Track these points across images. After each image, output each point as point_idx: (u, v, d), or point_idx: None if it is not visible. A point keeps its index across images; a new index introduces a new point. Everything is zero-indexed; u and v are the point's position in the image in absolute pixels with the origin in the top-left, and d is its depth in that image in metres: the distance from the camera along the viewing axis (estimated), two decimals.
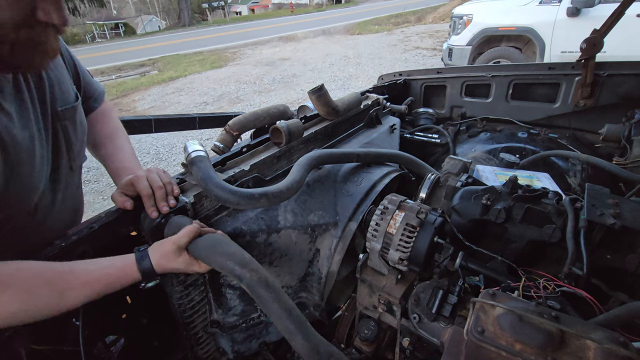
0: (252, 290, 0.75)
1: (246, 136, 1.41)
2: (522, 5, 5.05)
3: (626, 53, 3.80)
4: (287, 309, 0.72)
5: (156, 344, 1.13)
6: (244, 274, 0.76)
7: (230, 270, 0.78)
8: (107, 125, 1.12)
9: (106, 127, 1.11)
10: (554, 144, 1.86)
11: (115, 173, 1.04)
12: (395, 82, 2.21)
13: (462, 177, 1.18)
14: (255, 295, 0.75)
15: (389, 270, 1.03)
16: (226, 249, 0.82)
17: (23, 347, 0.81)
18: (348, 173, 1.34)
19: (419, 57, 9.09)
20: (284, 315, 0.71)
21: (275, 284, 0.76)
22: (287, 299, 0.74)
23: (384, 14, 18.37)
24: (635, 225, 0.84)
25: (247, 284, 0.75)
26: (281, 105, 1.42)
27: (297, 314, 0.72)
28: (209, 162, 0.97)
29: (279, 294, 0.74)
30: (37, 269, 0.72)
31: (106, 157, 1.08)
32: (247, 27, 19.57)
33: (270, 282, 0.76)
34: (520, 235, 0.99)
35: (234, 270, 0.77)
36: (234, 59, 11.15)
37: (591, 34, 1.67)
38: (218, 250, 0.81)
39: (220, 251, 0.81)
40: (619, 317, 0.69)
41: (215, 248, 0.82)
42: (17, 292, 0.67)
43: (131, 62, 11.87)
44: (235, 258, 0.79)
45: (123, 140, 1.12)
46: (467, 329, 0.64)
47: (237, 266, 0.77)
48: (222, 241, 0.85)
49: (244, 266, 0.77)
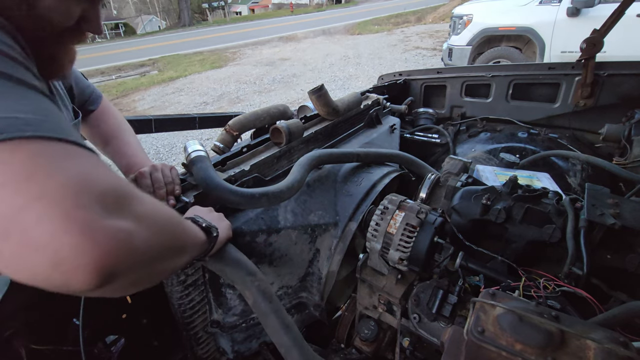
0: (254, 302, 0.76)
1: (246, 136, 1.41)
2: (522, 5, 5.04)
3: (626, 53, 3.80)
4: (285, 325, 0.72)
5: (156, 344, 1.13)
6: (249, 284, 0.77)
7: (232, 278, 0.78)
8: (109, 123, 1.12)
9: (109, 125, 1.12)
10: (554, 144, 1.86)
11: (126, 169, 1.05)
12: (395, 82, 2.21)
13: (462, 177, 1.18)
14: (256, 308, 0.75)
15: (389, 270, 1.03)
16: (237, 256, 0.82)
17: (23, 347, 0.81)
18: (348, 173, 1.34)
19: (419, 57, 9.09)
20: (282, 331, 0.71)
21: (276, 298, 0.77)
22: (286, 315, 0.75)
23: (384, 14, 18.37)
24: (635, 225, 0.84)
25: (251, 295, 0.76)
26: (281, 105, 1.42)
27: (295, 331, 0.73)
28: (210, 162, 0.97)
29: (279, 308, 0.75)
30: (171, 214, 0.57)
31: (114, 154, 1.09)
32: (247, 27, 19.57)
33: (272, 296, 0.76)
34: (520, 235, 0.98)
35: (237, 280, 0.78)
36: (234, 59, 11.15)
37: (591, 34, 1.67)
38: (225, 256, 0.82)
39: (232, 256, 0.82)
40: (619, 317, 0.69)
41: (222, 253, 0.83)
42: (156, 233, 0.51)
43: (131, 62, 11.87)
44: (242, 266, 0.79)
45: (128, 134, 1.13)
46: (467, 329, 0.64)
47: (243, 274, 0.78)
48: (233, 247, 0.85)
49: (251, 274, 0.78)
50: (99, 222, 0.37)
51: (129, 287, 0.45)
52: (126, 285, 0.43)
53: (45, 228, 0.34)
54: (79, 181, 0.38)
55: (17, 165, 0.36)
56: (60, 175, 0.37)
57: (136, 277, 0.43)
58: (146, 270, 0.45)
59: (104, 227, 0.37)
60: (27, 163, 0.37)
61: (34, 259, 0.34)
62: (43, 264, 0.35)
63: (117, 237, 0.38)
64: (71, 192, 0.37)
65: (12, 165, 0.36)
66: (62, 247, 0.35)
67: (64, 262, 0.35)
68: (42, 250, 0.34)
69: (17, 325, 0.81)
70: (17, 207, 0.34)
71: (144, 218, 0.44)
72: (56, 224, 0.35)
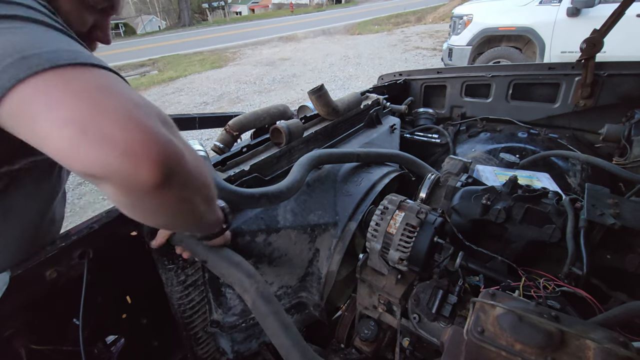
0: (253, 304, 0.76)
1: (246, 136, 1.41)
2: (522, 5, 5.04)
3: (626, 53, 3.80)
4: (285, 326, 0.72)
5: (156, 344, 1.13)
6: (247, 286, 0.77)
7: (231, 280, 0.78)
8: None
9: None
10: (554, 144, 1.86)
11: None
12: (395, 82, 2.21)
13: (462, 177, 1.18)
14: (255, 309, 0.75)
15: (389, 270, 1.03)
16: (234, 256, 0.82)
17: (23, 347, 0.81)
18: (348, 173, 1.34)
19: (419, 57, 9.09)
20: (282, 333, 0.71)
21: (275, 300, 0.77)
22: (285, 316, 0.75)
23: (384, 14, 18.37)
24: (635, 225, 0.84)
25: (249, 296, 0.76)
26: (281, 105, 1.42)
27: (294, 332, 0.73)
28: (210, 162, 0.97)
29: (278, 310, 0.75)
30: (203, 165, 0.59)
31: None
32: (247, 27, 19.57)
33: (271, 297, 0.77)
34: (520, 235, 0.98)
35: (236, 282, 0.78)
36: (234, 59, 11.15)
37: (591, 34, 1.67)
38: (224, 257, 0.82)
39: (226, 259, 0.82)
40: (619, 317, 0.69)
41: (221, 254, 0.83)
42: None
43: (131, 62, 11.86)
44: (241, 268, 0.79)
45: None
46: (467, 329, 0.64)
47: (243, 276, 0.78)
48: (227, 249, 0.85)
49: (250, 277, 0.78)
50: (161, 129, 0.45)
51: (176, 204, 0.51)
52: (174, 200, 0.49)
53: (121, 126, 0.41)
54: (143, 99, 0.46)
55: (91, 81, 0.44)
56: (124, 91, 0.45)
57: (183, 195, 0.50)
58: (189, 192, 0.51)
59: (164, 134, 0.45)
60: (100, 80, 0.45)
61: (108, 149, 0.41)
62: (117, 153, 0.41)
63: (174, 146, 0.45)
64: (140, 104, 0.45)
65: (87, 82, 0.44)
66: (133, 141, 0.41)
67: (134, 153, 0.41)
68: (116, 141, 0.41)
69: (17, 325, 0.80)
70: (94, 111, 0.41)
71: (187, 148, 0.50)
72: (130, 124, 0.42)
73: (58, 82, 0.42)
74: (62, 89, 0.42)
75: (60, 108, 0.41)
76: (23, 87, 0.41)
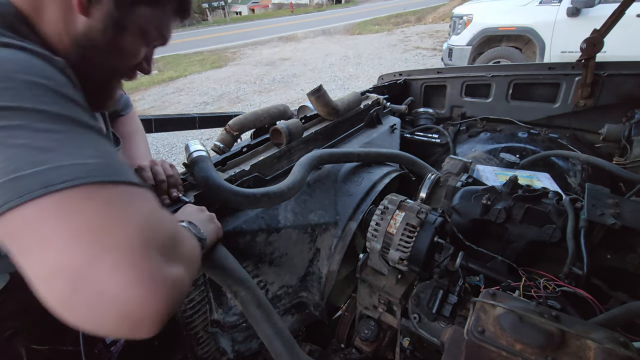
0: (245, 309, 0.76)
1: (246, 136, 1.41)
2: (522, 5, 5.04)
3: (626, 53, 3.80)
4: (278, 330, 0.72)
5: (156, 344, 1.13)
6: (239, 291, 0.77)
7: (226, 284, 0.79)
8: (127, 126, 1.15)
9: (126, 128, 1.15)
10: (554, 144, 1.86)
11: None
12: (395, 82, 2.21)
13: (462, 177, 1.18)
14: (248, 314, 0.76)
15: (389, 270, 1.03)
16: (225, 262, 0.82)
17: (23, 347, 0.81)
18: (348, 173, 1.34)
19: (419, 57, 9.08)
20: (275, 337, 0.72)
21: (268, 304, 0.77)
22: (278, 320, 0.75)
23: (384, 14, 18.36)
24: (635, 225, 0.84)
25: (241, 301, 0.76)
26: (281, 105, 1.42)
27: (287, 336, 0.73)
28: (211, 162, 0.97)
29: (270, 314, 0.75)
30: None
31: (122, 154, 1.10)
32: (247, 27, 19.56)
33: (263, 302, 0.77)
34: (520, 235, 0.98)
35: (230, 286, 0.78)
36: (234, 59, 11.14)
37: (591, 34, 1.67)
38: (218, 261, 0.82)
39: (220, 262, 0.81)
40: (619, 317, 0.69)
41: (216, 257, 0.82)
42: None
43: None
44: (234, 273, 0.79)
45: (140, 139, 1.15)
46: (467, 329, 0.64)
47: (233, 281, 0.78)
48: (223, 251, 0.85)
49: (240, 283, 0.78)
50: (162, 273, 0.39)
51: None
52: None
53: (117, 280, 0.36)
54: (144, 230, 0.40)
55: (90, 213, 0.38)
56: (128, 224, 0.39)
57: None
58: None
59: (165, 277, 0.39)
60: (100, 211, 0.38)
61: (103, 311, 0.35)
62: (112, 316, 0.36)
63: (176, 286, 0.40)
64: (139, 243, 0.38)
65: (85, 214, 0.37)
66: (130, 299, 0.36)
67: (131, 314, 0.36)
68: (112, 302, 0.35)
69: (17, 325, 0.80)
70: (89, 259, 0.35)
71: (187, 259, 0.47)
72: (126, 276, 0.36)
73: (54, 211, 0.36)
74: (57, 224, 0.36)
75: (51, 249, 0.36)
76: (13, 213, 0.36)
